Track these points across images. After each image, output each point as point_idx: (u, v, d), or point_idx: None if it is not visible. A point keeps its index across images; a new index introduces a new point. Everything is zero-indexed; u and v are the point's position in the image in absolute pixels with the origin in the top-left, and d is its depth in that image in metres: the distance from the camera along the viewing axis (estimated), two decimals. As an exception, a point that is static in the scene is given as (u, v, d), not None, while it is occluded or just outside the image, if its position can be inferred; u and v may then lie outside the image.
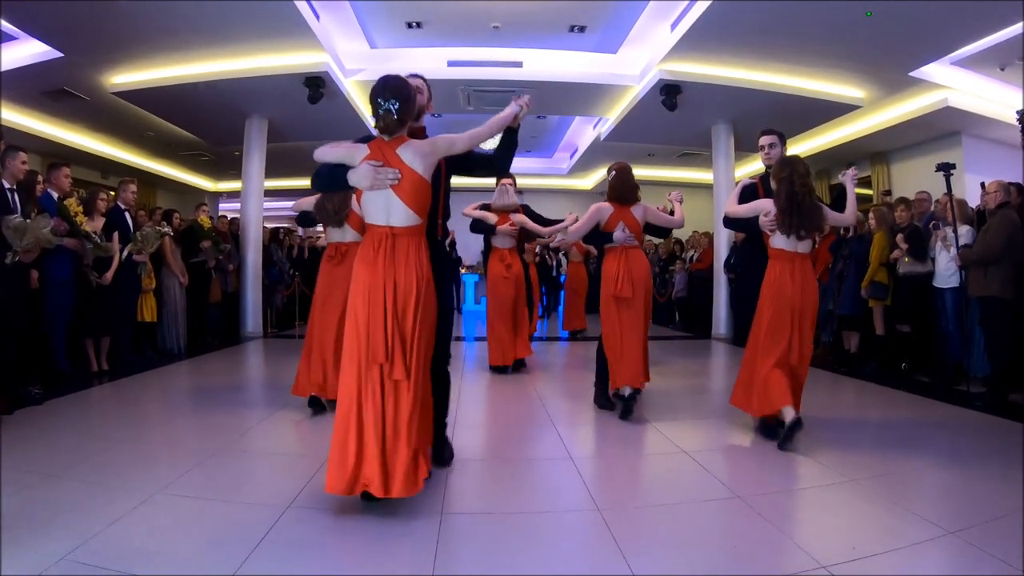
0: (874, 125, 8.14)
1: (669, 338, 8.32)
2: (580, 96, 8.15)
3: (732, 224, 3.58)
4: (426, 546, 1.95)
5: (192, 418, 3.76)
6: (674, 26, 6.38)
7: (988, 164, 7.37)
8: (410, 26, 6.82)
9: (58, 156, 7.58)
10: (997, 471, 2.69)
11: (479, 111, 8.41)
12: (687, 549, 1.97)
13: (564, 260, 10.35)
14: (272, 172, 9.05)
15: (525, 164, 12.62)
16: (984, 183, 4.80)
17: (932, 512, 2.25)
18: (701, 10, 5.66)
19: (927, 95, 7.13)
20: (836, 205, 3.46)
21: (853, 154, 9.08)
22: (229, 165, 10.54)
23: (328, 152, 2.32)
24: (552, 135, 11.57)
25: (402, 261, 2.24)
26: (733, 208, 3.42)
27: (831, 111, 7.76)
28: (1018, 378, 4.19)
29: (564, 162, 12.81)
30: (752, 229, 3.35)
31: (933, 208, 5.31)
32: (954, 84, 6.82)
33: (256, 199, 8.16)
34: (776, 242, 3.19)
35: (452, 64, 7.32)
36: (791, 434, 2.96)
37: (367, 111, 8.41)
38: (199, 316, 6.57)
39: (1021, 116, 4.87)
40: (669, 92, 7.13)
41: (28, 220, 3.67)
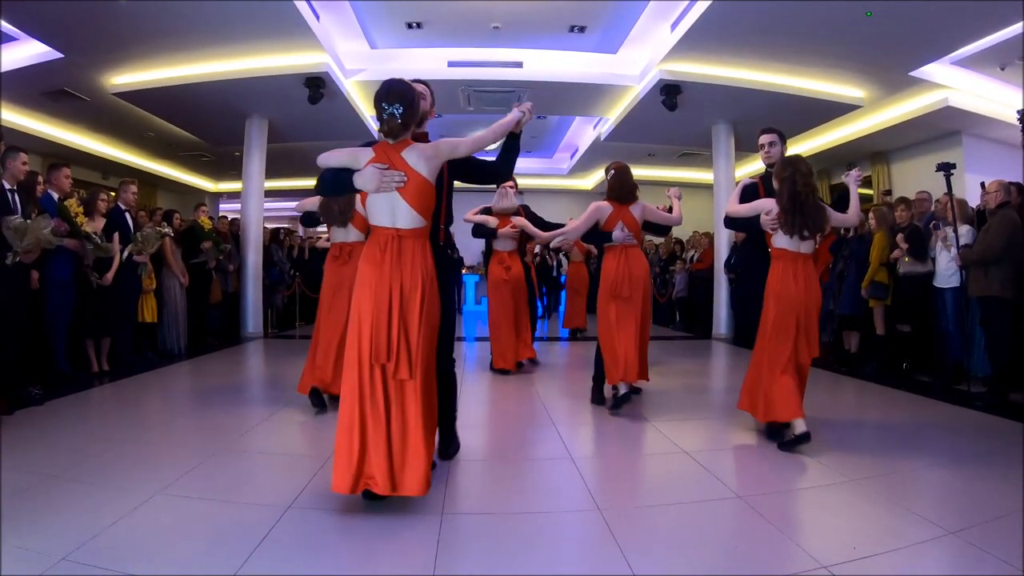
0: (874, 125, 8.15)
1: (669, 338, 8.32)
2: (580, 96, 8.15)
3: (733, 224, 3.55)
4: (427, 546, 1.96)
5: (192, 418, 3.76)
6: (674, 26, 6.38)
7: (988, 164, 7.38)
8: (410, 26, 6.82)
9: (58, 157, 7.59)
10: (998, 471, 2.69)
11: (479, 111, 8.43)
12: (688, 549, 1.97)
13: (564, 260, 10.37)
14: (272, 172, 9.07)
15: (525, 164, 12.62)
16: (984, 183, 4.80)
17: (933, 512, 2.25)
18: (701, 10, 5.67)
19: (927, 95, 7.14)
20: (838, 206, 3.43)
21: (853, 154, 9.09)
22: (229, 166, 10.55)
23: (332, 157, 2.33)
24: (552, 135, 11.57)
25: (408, 262, 2.26)
26: (734, 208, 3.39)
27: (831, 111, 7.76)
28: (1018, 378, 4.19)
29: (564, 162, 12.80)
30: (753, 229, 3.31)
31: (933, 208, 5.31)
32: (954, 84, 6.82)
33: (256, 199, 8.17)
34: (778, 242, 3.16)
35: (452, 64, 7.32)
36: (796, 444, 2.94)
37: (367, 111, 8.46)
38: (199, 317, 6.57)
39: (1021, 116, 4.87)
40: (669, 92, 7.14)
41: (28, 221, 3.67)
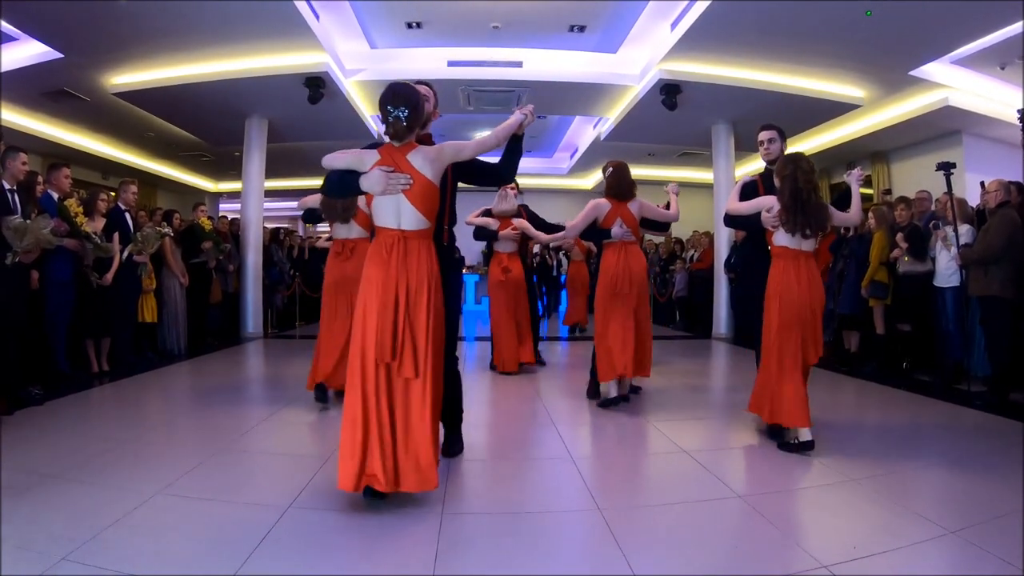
0: (874, 124, 8.14)
1: (669, 338, 8.32)
2: (580, 96, 8.14)
3: (733, 222, 3.50)
4: (427, 546, 1.96)
5: (192, 418, 3.76)
6: (674, 26, 6.38)
7: (988, 163, 7.37)
8: (410, 26, 6.81)
9: (58, 157, 7.58)
10: (997, 471, 2.69)
11: (479, 111, 8.42)
12: (688, 549, 1.97)
13: (565, 260, 10.36)
14: (272, 172, 9.06)
15: (525, 164, 12.37)
16: (984, 182, 4.79)
17: (933, 511, 2.25)
18: (701, 10, 5.66)
19: (927, 94, 7.13)
20: (838, 204, 3.40)
21: (853, 153, 9.09)
22: (229, 165, 10.54)
23: (337, 159, 2.36)
24: (552, 135, 11.57)
25: (414, 262, 2.29)
26: (734, 205, 3.34)
27: (831, 110, 7.75)
28: (1018, 377, 4.19)
29: (564, 162, 12.80)
30: (754, 227, 3.28)
31: (933, 207, 5.31)
32: (954, 83, 6.81)
33: (256, 199, 8.17)
34: (779, 240, 3.11)
35: (452, 64, 7.31)
36: (798, 450, 2.93)
37: (367, 111, 8.46)
38: (199, 317, 6.57)
39: (1021, 115, 4.87)
40: (669, 92, 7.13)
41: (28, 221, 3.67)
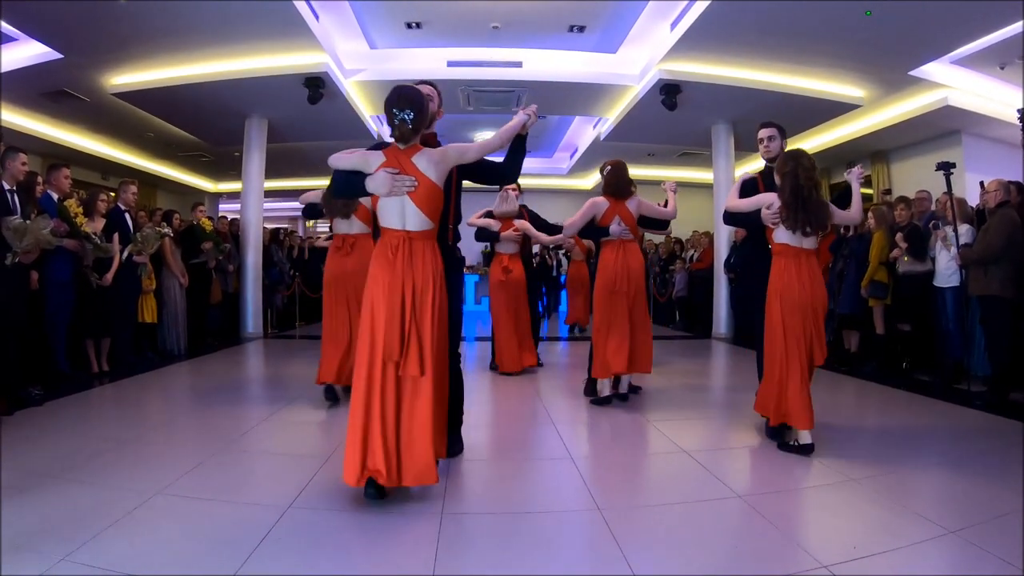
0: (874, 124, 8.14)
1: (669, 338, 8.32)
2: (580, 96, 8.14)
3: (733, 219, 3.44)
4: (427, 546, 1.96)
5: (192, 419, 3.76)
6: (674, 26, 6.38)
7: (988, 163, 7.38)
8: (410, 26, 6.81)
9: (58, 157, 7.58)
10: (998, 470, 2.69)
11: (479, 111, 8.42)
12: (688, 549, 1.97)
13: (565, 260, 10.37)
14: (272, 172, 9.06)
15: (525, 164, 12.45)
16: (984, 182, 4.79)
17: (933, 511, 2.25)
18: (701, 10, 5.66)
19: (927, 94, 7.13)
20: (839, 204, 3.38)
21: (853, 153, 9.09)
22: (229, 166, 10.54)
23: (343, 159, 2.40)
24: (552, 135, 11.56)
25: (419, 263, 2.33)
26: (734, 202, 3.29)
27: (831, 110, 7.75)
28: (1018, 377, 4.19)
29: (564, 162, 12.80)
30: (754, 224, 3.23)
31: (933, 207, 5.31)
32: (954, 83, 6.81)
33: (256, 199, 8.16)
34: (780, 237, 3.06)
35: (452, 64, 7.31)
36: (798, 452, 2.92)
37: (367, 111, 8.46)
38: (199, 317, 6.56)
39: (1021, 114, 4.86)
40: (669, 92, 7.13)
41: (28, 221, 3.67)
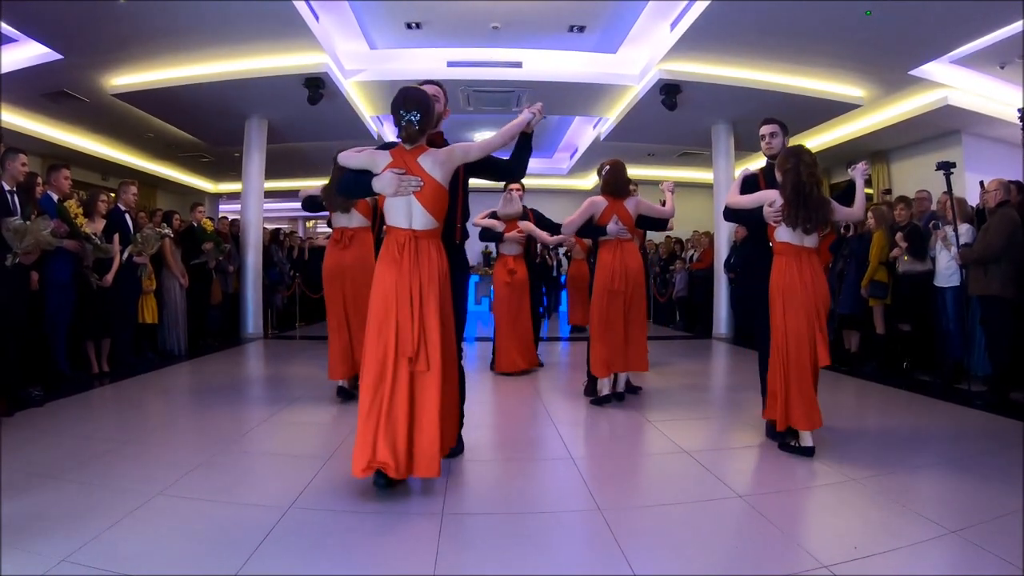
0: (874, 124, 8.14)
1: (670, 338, 8.31)
2: (580, 96, 8.14)
3: (734, 216, 3.35)
4: (428, 546, 1.96)
5: (193, 419, 3.76)
6: (674, 26, 6.37)
7: (988, 162, 7.38)
8: (410, 27, 6.80)
9: (58, 158, 7.57)
10: (998, 470, 2.69)
11: (479, 111, 8.42)
12: (688, 549, 1.97)
13: (565, 261, 10.38)
14: (272, 173, 9.05)
15: (525, 164, 12.58)
16: (984, 181, 4.79)
17: (933, 511, 2.25)
18: (700, 10, 5.66)
19: (927, 94, 7.13)
20: (841, 202, 3.36)
21: (853, 153, 9.06)
22: (229, 166, 10.54)
23: (352, 157, 2.48)
24: (552, 135, 11.56)
25: (425, 261, 2.39)
26: (735, 199, 3.23)
27: (831, 110, 7.75)
28: (1019, 377, 4.19)
29: (564, 162, 12.79)
30: (754, 221, 3.18)
31: (934, 207, 5.31)
32: (954, 83, 6.81)
33: (256, 200, 8.16)
34: (781, 235, 3.02)
35: (452, 64, 7.30)
36: (799, 454, 2.91)
37: (367, 112, 8.46)
38: (200, 317, 6.56)
39: (1022, 114, 4.86)
40: (669, 92, 7.13)
41: (28, 222, 3.67)
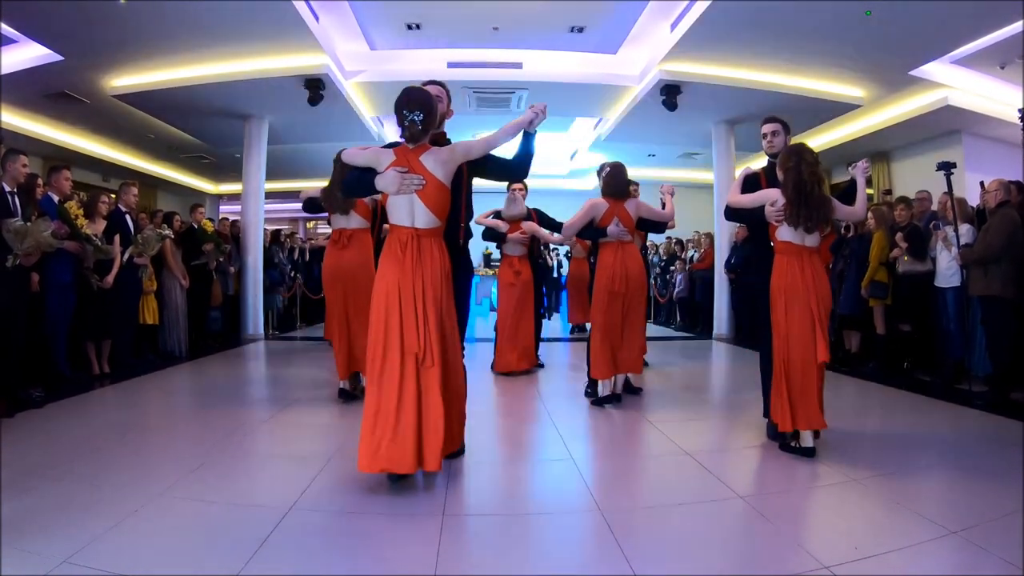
0: (874, 124, 8.14)
1: (670, 338, 8.31)
2: (580, 97, 8.13)
3: (735, 215, 3.29)
4: (428, 547, 1.95)
5: (193, 420, 3.76)
6: (674, 26, 6.37)
7: (989, 163, 7.37)
8: (410, 27, 6.81)
9: (59, 159, 7.59)
10: (999, 470, 2.69)
11: (479, 112, 8.41)
12: (689, 550, 1.97)
13: (565, 261, 10.37)
14: (272, 174, 9.05)
15: (525, 165, 12.57)
16: (984, 182, 4.79)
17: (934, 512, 2.25)
18: (701, 10, 5.66)
19: (927, 94, 7.12)
20: (843, 200, 3.34)
21: (853, 154, 9.05)
22: (230, 167, 10.54)
23: (357, 155, 2.52)
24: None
25: (427, 259, 2.42)
26: (736, 198, 3.20)
27: (831, 110, 7.75)
28: (1020, 377, 4.18)
29: (564, 163, 12.79)
30: (755, 221, 3.15)
31: (934, 207, 5.31)
32: (954, 83, 6.80)
33: (257, 201, 8.15)
34: (782, 234, 2.99)
35: (452, 65, 7.30)
36: (799, 454, 2.90)
37: (367, 113, 8.46)
38: (200, 318, 6.56)
39: (1022, 114, 4.86)
40: (669, 92, 7.13)
41: (29, 223, 3.67)
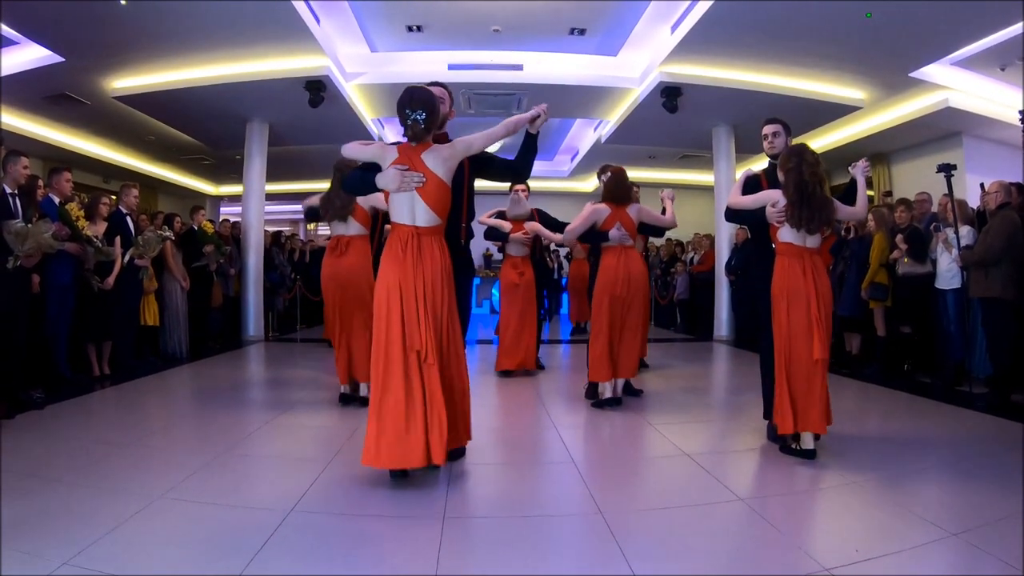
0: (875, 126, 8.14)
1: (671, 340, 8.31)
2: (581, 99, 8.15)
3: (736, 216, 3.28)
4: (429, 549, 1.95)
5: (194, 422, 3.77)
6: (674, 28, 6.38)
7: (989, 164, 7.37)
8: (411, 29, 6.82)
9: (59, 161, 7.61)
10: (999, 472, 2.68)
11: (480, 114, 8.42)
12: (690, 552, 1.97)
13: (566, 263, 10.39)
14: (273, 176, 9.07)
15: (526, 166, 12.61)
16: (984, 183, 4.79)
17: (934, 514, 2.24)
18: (701, 12, 5.67)
19: (927, 96, 7.13)
20: (843, 200, 3.34)
21: (854, 155, 8.98)
22: (230, 169, 10.56)
23: (357, 149, 2.53)
24: (553, 138, 11.57)
25: (428, 257, 2.44)
26: (737, 199, 3.18)
27: (832, 112, 7.75)
28: (1020, 379, 4.18)
29: (565, 164, 12.81)
30: (756, 222, 3.14)
31: (934, 209, 5.31)
32: (954, 84, 6.81)
33: (257, 203, 8.17)
34: (784, 236, 2.97)
35: (453, 67, 7.32)
36: (799, 456, 2.90)
37: (368, 115, 8.48)
38: (201, 320, 6.56)
39: (1023, 116, 4.86)
40: (670, 94, 7.14)
41: (29, 225, 3.67)
